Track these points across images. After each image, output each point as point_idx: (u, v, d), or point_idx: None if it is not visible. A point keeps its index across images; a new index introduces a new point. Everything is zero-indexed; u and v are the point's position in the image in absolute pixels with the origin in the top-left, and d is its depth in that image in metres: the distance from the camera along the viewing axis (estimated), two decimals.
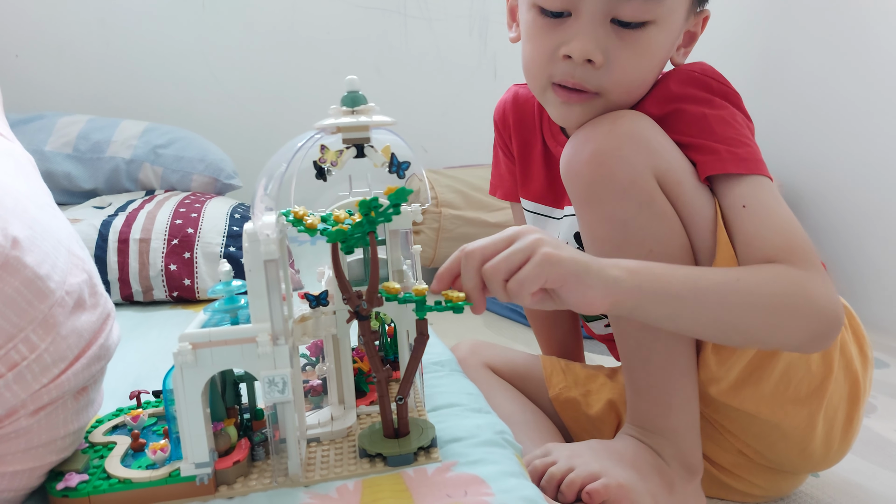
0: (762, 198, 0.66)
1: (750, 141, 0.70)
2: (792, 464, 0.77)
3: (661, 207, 0.67)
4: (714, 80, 0.72)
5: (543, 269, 0.54)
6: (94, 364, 0.53)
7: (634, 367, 0.71)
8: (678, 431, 0.70)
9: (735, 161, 0.67)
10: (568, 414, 0.86)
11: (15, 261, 0.47)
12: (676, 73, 0.73)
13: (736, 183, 0.67)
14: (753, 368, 0.70)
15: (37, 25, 1.62)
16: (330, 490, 0.52)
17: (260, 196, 0.53)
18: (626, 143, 0.66)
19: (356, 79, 0.55)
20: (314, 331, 0.59)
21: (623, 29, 0.67)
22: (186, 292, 1.14)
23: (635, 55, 0.68)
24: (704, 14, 0.74)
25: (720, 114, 0.70)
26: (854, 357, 0.74)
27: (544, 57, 0.70)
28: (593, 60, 0.67)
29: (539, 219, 0.91)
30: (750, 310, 0.61)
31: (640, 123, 0.68)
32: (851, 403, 0.74)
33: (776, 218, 0.66)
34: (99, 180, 1.40)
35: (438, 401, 0.66)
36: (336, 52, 1.83)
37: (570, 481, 0.65)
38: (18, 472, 0.49)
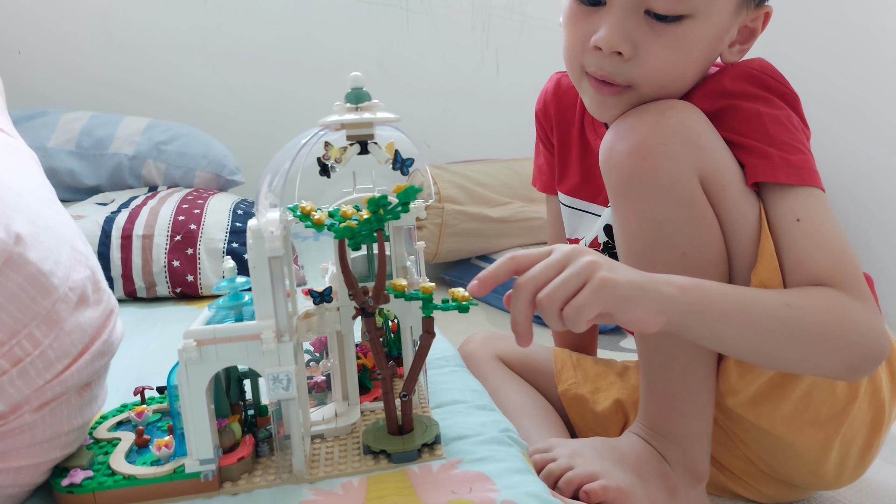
0: (817, 213, 0.63)
1: (805, 148, 0.66)
2: (802, 481, 0.75)
3: (700, 211, 0.64)
4: (772, 79, 0.68)
5: (601, 296, 0.52)
6: (98, 360, 0.53)
7: (652, 370, 0.69)
8: (688, 438, 0.68)
9: (788, 169, 0.64)
10: (575, 410, 0.86)
11: (18, 257, 0.47)
12: (733, 68, 0.69)
13: (788, 193, 0.64)
14: (774, 385, 0.67)
15: (39, 22, 1.62)
16: (335, 486, 0.51)
17: (264, 193, 0.53)
18: (673, 139, 0.63)
19: (360, 75, 0.55)
20: (318, 327, 0.59)
21: (657, 21, 0.64)
22: (189, 288, 1.14)
23: (668, 49, 0.65)
24: (766, 9, 0.69)
25: (776, 114, 0.66)
26: (884, 385, 0.71)
27: (578, 45, 0.68)
28: (622, 52, 0.65)
29: (575, 213, 0.88)
30: (796, 338, 0.59)
31: (690, 118, 0.65)
32: (872, 430, 0.71)
33: (830, 238, 0.63)
34: (102, 177, 1.40)
35: (442, 397, 0.66)
36: (338, 47, 1.82)
37: (568, 479, 0.64)
38: (23, 468, 0.49)
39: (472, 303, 0.54)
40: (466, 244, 1.75)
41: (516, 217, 1.76)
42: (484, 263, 1.77)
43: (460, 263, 1.84)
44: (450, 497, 0.49)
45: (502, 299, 1.35)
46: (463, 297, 0.54)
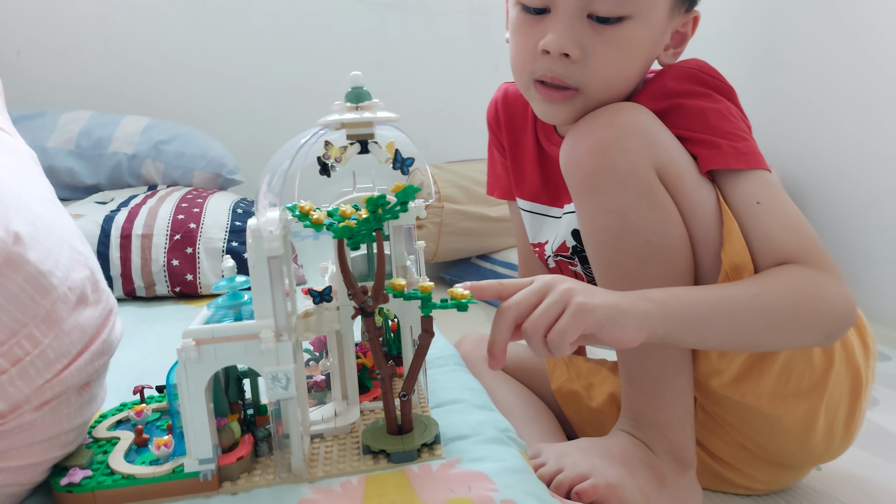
0: (774, 195, 0.68)
1: (748, 135, 0.71)
2: (794, 457, 0.76)
3: (660, 200, 0.67)
4: (709, 76, 0.73)
5: (580, 319, 0.54)
6: (98, 359, 0.53)
7: (628, 359, 0.72)
8: (670, 424, 0.70)
9: (737, 155, 0.68)
10: (570, 407, 0.87)
11: (17, 257, 0.47)
12: (672, 69, 0.74)
13: (742, 178, 0.68)
14: (754, 362, 0.70)
15: (38, 22, 1.62)
16: (334, 485, 0.52)
17: (263, 192, 0.53)
18: (628, 135, 0.66)
19: (360, 75, 0.55)
20: (317, 326, 0.59)
21: (600, 24, 0.67)
22: (189, 287, 1.14)
23: (614, 50, 0.68)
24: (694, 14, 0.74)
25: (718, 108, 0.70)
26: (856, 349, 0.74)
27: (527, 53, 0.71)
28: (570, 55, 0.68)
29: (536, 217, 0.91)
30: (773, 322, 0.63)
31: (641, 115, 0.68)
32: (853, 396, 0.74)
33: (790, 216, 0.67)
34: (101, 176, 1.40)
35: (441, 397, 0.66)
36: (337, 46, 1.82)
37: (559, 482, 0.65)
38: (23, 467, 0.49)
39: (470, 301, 0.54)
40: (465, 243, 1.76)
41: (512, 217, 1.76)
42: (483, 262, 1.77)
43: (460, 263, 1.84)
44: (449, 496, 0.49)
45: None
46: (462, 296, 0.54)
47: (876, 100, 1.69)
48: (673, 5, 0.71)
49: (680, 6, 0.72)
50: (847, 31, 1.77)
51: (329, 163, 0.54)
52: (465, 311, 0.53)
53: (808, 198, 1.92)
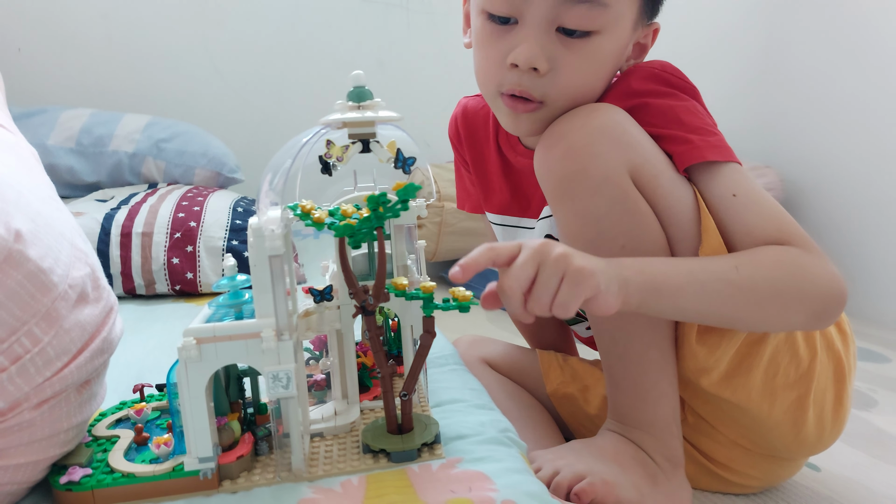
0: (749, 186, 0.68)
1: (717, 130, 0.71)
2: (788, 449, 0.77)
3: (633, 203, 0.67)
4: (673, 76, 0.73)
5: (580, 287, 0.54)
6: (97, 357, 0.53)
7: (612, 363, 0.72)
8: (657, 424, 0.71)
9: (711, 149, 0.68)
10: (566, 410, 0.87)
11: (18, 254, 0.46)
12: (637, 69, 0.74)
13: (717, 171, 0.68)
14: (742, 358, 0.70)
15: (39, 19, 1.62)
16: (334, 485, 0.51)
17: (265, 191, 0.53)
18: (600, 139, 0.66)
19: (362, 74, 0.54)
20: (318, 325, 0.59)
21: (568, 37, 0.67)
22: (189, 286, 1.14)
23: (581, 63, 0.68)
24: (654, 26, 0.75)
25: (685, 105, 0.71)
26: (834, 337, 0.74)
27: (493, 65, 0.71)
28: (538, 68, 0.67)
29: (508, 230, 0.90)
30: (752, 297, 0.62)
31: (615, 117, 0.68)
32: (838, 383, 0.74)
33: (767, 205, 0.67)
34: (101, 174, 1.40)
35: (442, 396, 0.66)
36: (338, 46, 1.82)
37: (557, 484, 0.65)
38: (21, 465, 0.49)
39: (472, 302, 0.54)
40: (466, 243, 1.75)
41: None
42: None
43: None
44: (449, 496, 0.49)
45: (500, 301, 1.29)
46: (464, 297, 0.54)
47: (876, 102, 1.69)
48: (637, 18, 0.71)
49: (643, 18, 0.72)
50: (848, 34, 1.77)
51: (331, 162, 0.54)
52: (467, 312, 0.53)
53: (809, 200, 1.92)
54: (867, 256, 1.73)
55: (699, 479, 0.80)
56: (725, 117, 1.36)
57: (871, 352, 1.38)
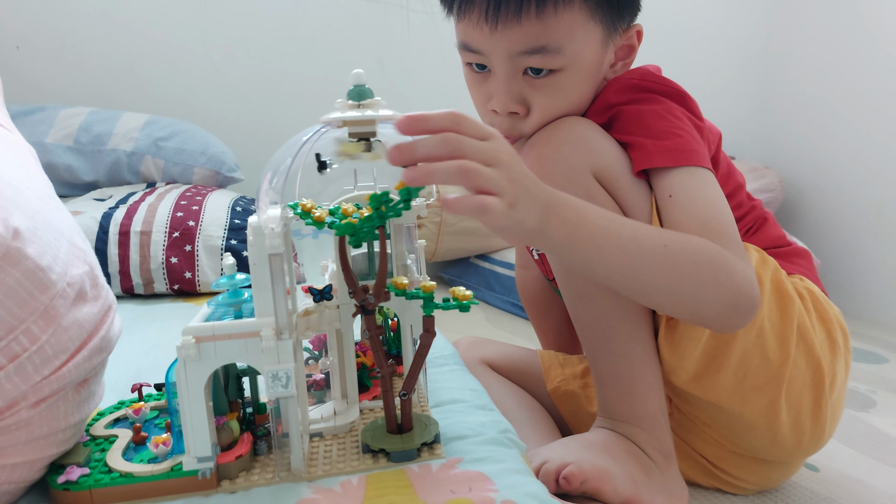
0: (688, 187, 0.69)
1: (684, 132, 0.71)
2: (767, 452, 0.77)
3: (598, 202, 0.68)
4: (653, 82, 0.74)
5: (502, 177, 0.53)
6: (96, 356, 0.53)
7: (596, 358, 0.73)
8: (646, 418, 0.71)
9: (662, 153, 0.70)
10: (566, 407, 0.87)
11: (16, 252, 0.46)
12: (614, 83, 0.76)
13: (665, 175, 0.70)
14: (710, 358, 0.71)
15: (38, 17, 1.61)
16: (334, 485, 0.51)
17: (265, 190, 0.52)
18: (564, 145, 0.70)
19: (363, 73, 0.54)
20: (318, 325, 0.58)
21: (536, 78, 0.72)
22: (187, 285, 1.13)
23: (553, 97, 0.72)
24: (635, 28, 0.76)
25: (655, 109, 0.72)
26: (817, 342, 0.74)
27: (481, 107, 0.77)
28: (517, 112, 0.73)
29: None
30: (668, 270, 0.62)
31: (578, 126, 0.72)
32: (817, 389, 0.74)
33: (698, 206, 0.68)
34: (100, 173, 1.40)
35: (442, 396, 0.66)
36: (338, 44, 1.82)
37: (546, 471, 0.66)
38: (19, 465, 0.48)
39: (472, 302, 0.54)
40: (465, 243, 1.75)
41: None
42: (482, 262, 1.77)
43: (459, 262, 1.84)
44: (449, 496, 0.48)
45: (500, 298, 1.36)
46: (464, 297, 0.53)
47: (877, 103, 1.69)
48: (603, 36, 0.72)
49: (614, 30, 0.73)
50: (851, 32, 1.77)
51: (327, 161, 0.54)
52: (467, 312, 0.53)
53: (808, 201, 1.92)
54: (866, 257, 1.73)
55: (695, 475, 0.80)
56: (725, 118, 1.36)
57: (870, 352, 1.39)
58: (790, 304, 0.73)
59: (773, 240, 0.83)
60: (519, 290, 1.09)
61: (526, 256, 1.03)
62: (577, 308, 0.74)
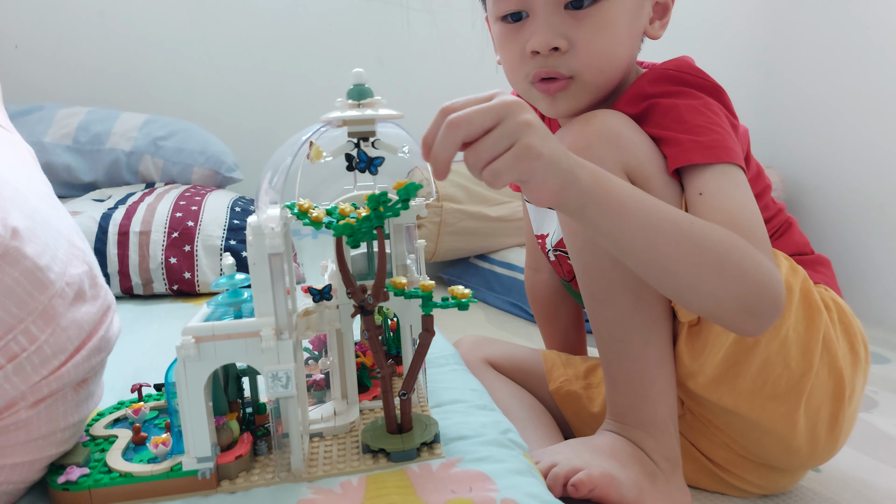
0: (720, 185, 0.67)
1: (720, 128, 0.69)
2: (779, 460, 0.76)
3: None
4: (689, 74, 0.73)
5: (520, 164, 0.52)
6: (95, 356, 0.53)
7: (610, 360, 0.72)
8: (656, 424, 0.71)
9: (698, 150, 0.68)
10: (568, 407, 0.87)
11: (15, 251, 0.46)
12: (651, 72, 0.74)
13: (699, 172, 0.68)
14: (731, 364, 0.70)
15: (36, 16, 1.61)
16: (334, 485, 0.51)
17: (264, 189, 0.52)
18: (596, 141, 0.68)
19: (363, 72, 0.54)
20: (318, 325, 0.58)
21: (578, 11, 0.69)
22: (186, 285, 1.13)
23: (596, 32, 0.70)
24: None
25: (692, 103, 0.70)
26: (840, 354, 0.73)
27: (517, 59, 0.74)
28: (558, 47, 0.70)
29: (539, 210, 0.92)
30: (694, 253, 0.60)
31: (611, 121, 0.70)
32: (836, 401, 0.73)
33: (728, 205, 0.65)
34: (99, 172, 1.39)
35: (442, 397, 0.65)
36: (338, 43, 1.82)
37: (555, 475, 0.65)
38: (18, 465, 0.48)
39: (471, 300, 0.53)
40: (465, 243, 1.75)
41: (515, 216, 1.75)
42: (482, 262, 1.77)
43: (459, 262, 1.84)
44: (450, 496, 0.48)
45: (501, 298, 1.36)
46: (462, 295, 0.53)
47: (879, 103, 1.69)
48: None
49: None
50: (851, 30, 1.77)
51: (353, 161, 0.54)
52: (466, 310, 0.53)
53: (811, 200, 1.92)
54: (868, 257, 1.73)
55: (699, 479, 0.80)
56: None
57: (872, 353, 1.38)
58: (818, 314, 0.72)
59: (799, 246, 0.82)
60: (528, 292, 1.08)
61: (538, 258, 1.02)
62: (596, 309, 0.72)
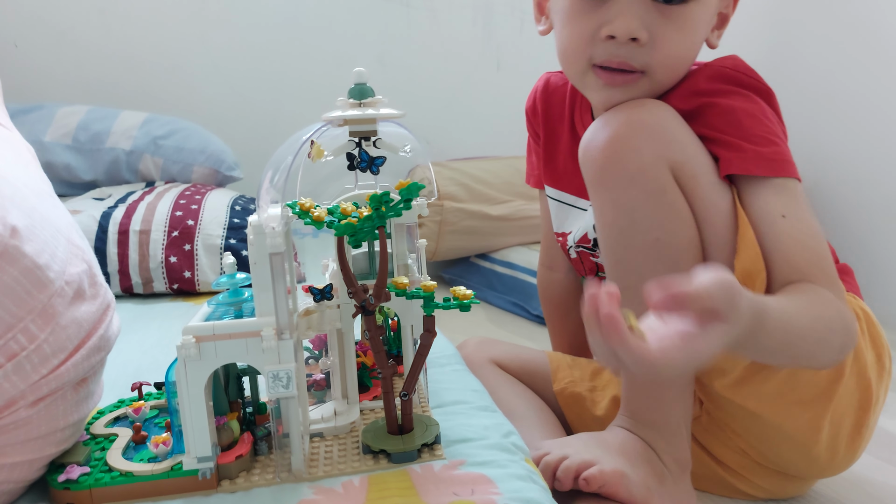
0: (799, 209, 0.67)
1: (780, 140, 0.69)
2: (796, 468, 0.76)
3: (670, 198, 0.66)
4: (745, 75, 0.71)
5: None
6: (94, 355, 0.52)
7: None
8: (669, 425, 0.70)
9: (760, 161, 0.66)
10: (572, 410, 0.86)
11: (14, 250, 0.46)
12: (706, 67, 0.72)
13: (765, 185, 0.67)
14: (760, 366, 0.69)
15: (36, 14, 1.61)
16: (335, 485, 0.51)
17: (265, 188, 0.52)
18: (641, 133, 0.66)
19: (364, 71, 0.54)
20: (318, 325, 0.58)
21: (666, 6, 0.67)
22: (186, 284, 1.13)
23: (679, 32, 0.68)
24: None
25: (750, 108, 0.69)
26: (869, 365, 0.72)
27: (584, 38, 0.70)
28: (638, 38, 0.66)
29: (563, 207, 0.90)
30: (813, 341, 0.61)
31: (659, 114, 0.67)
32: (861, 411, 0.73)
33: (811, 234, 0.66)
34: (99, 171, 1.39)
35: (444, 397, 0.65)
36: (339, 42, 1.82)
37: (566, 468, 0.65)
38: (18, 464, 0.48)
39: (473, 301, 0.53)
40: (466, 242, 1.75)
41: (517, 215, 1.75)
42: (483, 262, 1.76)
43: (460, 262, 1.84)
44: (452, 498, 0.48)
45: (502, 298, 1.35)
46: (464, 296, 0.53)
47: (883, 102, 1.69)
48: None
49: None
50: (853, 34, 1.76)
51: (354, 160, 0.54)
52: (468, 311, 0.53)
53: (814, 200, 1.90)
54: (873, 257, 1.72)
55: (706, 483, 0.79)
56: None
57: None
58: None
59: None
60: (540, 291, 1.06)
61: (554, 257, 0.99)
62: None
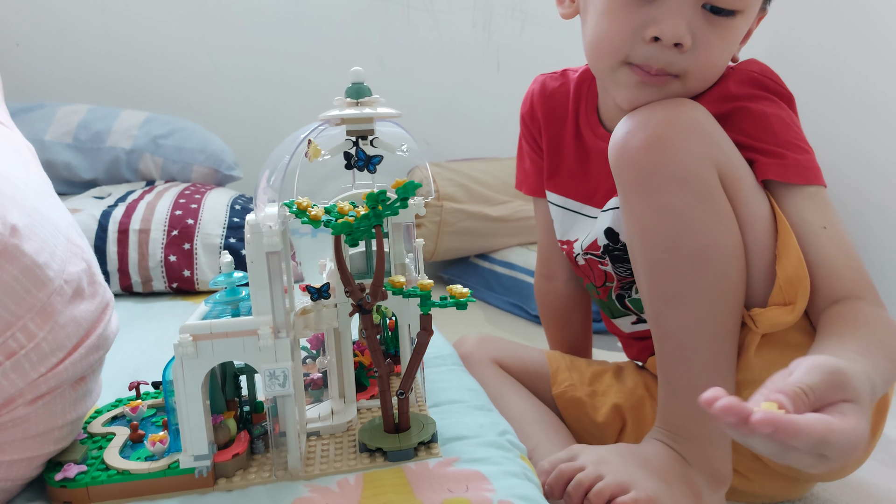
0: (835, 219, 0.67)
1: (810, 147, 0.69)
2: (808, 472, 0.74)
3: (719, 202, 0.64)
4: (771, 81, 0.71)
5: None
6: (93, 354, 0.53)
7: (673, 368, 0.68)
8: (711, 438, 0.67)
9: (799, 170, 0.66)
10: (571, 414, 0.84)
11: (13, 248, 0.46)
12: (735, 72, 0.72)
13: (800, 194, 0.67)
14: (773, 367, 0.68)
15: (37, 14, 1.61)
16: (331, 484, 0.51)
17: (263, 187, 0.52)
18: (687, 132, 0.64)
19: (361, 70, 0.54)
20: (316, 324, 0.58)
21: (714, 15, 0.66)
22: (186, 283, 1.13)
23: (721, 41, 0.67)
24: (765, 12, 0.74)
25: (781, 114, 0.68)
26: None
27: (625, 35, 0.68)
28: (682, 44, 0.66)
29: (568, 214, 0.87)
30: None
31: (700, 114, 0.66)
32: (879, 415, 0.72)
33: (850, 244, 0.66)
34: (99, 170, 1.39)
35: (440, 396, 0.65)
36: (338, 42, 1.82)
37: (599, 491, 0.62)
38: (15, 462, 0.48)
39: (470, 300, 0.53)
40: (465, 243, 1.75)
41: (515, 216, 1.75)
42: (482, 262, 1.77)
43: (458, 262, 1.84)
44: (446, 496, 0.48)
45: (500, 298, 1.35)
46: (461, 294, 0.53)
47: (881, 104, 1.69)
48: (763, 2, 0.71)
49: (765, 3, 0.72)
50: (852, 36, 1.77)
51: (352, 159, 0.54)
52: (465, 310, 0.53)
53: None
54: (873, 259, 1.72)
55: None
56: None
57: None
58: None
59: None
60: (538, 300, 1.03)
61: (552, 266, 0.97)
62: (666, 313, 0.67)
